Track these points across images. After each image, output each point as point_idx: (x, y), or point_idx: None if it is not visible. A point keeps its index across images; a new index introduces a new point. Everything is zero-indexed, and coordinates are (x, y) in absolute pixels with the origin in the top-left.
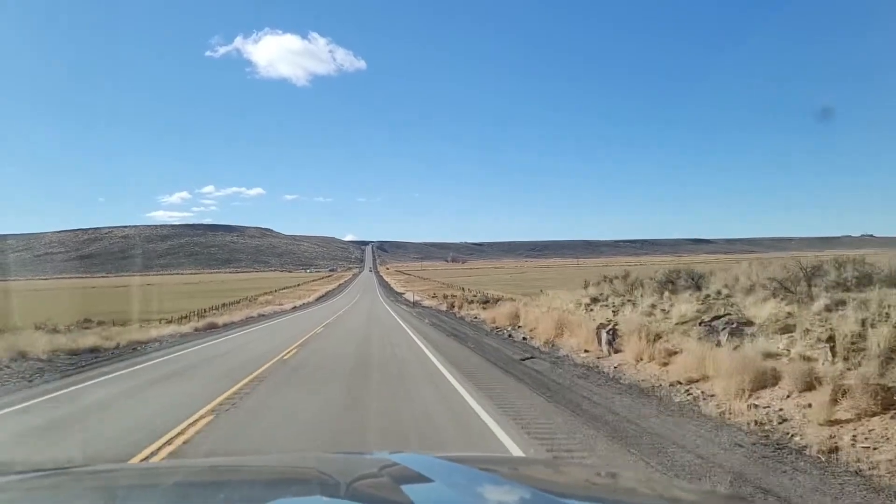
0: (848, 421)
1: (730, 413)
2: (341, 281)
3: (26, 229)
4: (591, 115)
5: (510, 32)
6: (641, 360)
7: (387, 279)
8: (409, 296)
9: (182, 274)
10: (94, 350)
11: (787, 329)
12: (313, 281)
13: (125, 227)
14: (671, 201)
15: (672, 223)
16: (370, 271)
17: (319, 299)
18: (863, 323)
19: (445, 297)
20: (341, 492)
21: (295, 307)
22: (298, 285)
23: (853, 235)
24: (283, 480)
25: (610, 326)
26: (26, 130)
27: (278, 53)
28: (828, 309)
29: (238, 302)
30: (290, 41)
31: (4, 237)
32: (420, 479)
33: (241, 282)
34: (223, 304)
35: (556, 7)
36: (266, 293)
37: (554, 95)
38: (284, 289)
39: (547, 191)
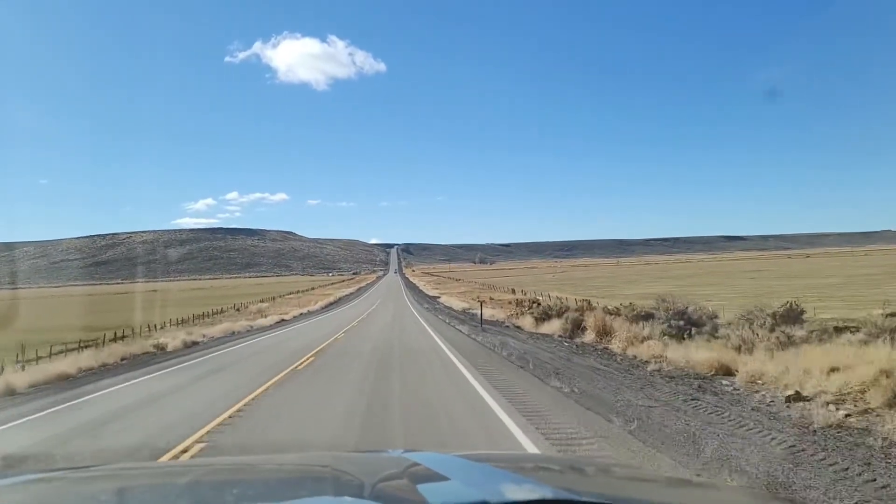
0: None
1: None
2: (362, 284)
3: (49, 237)
4: (619, 115)
5: (536, 32)
6: None
7: (414, 281)
8: (450, 301)
9: (199, 279)
10: None
11: None
12: (331, 284)
13: (143, 232)
14: (703, 198)
15: (703, 220)
16: (395, 273)
17: (328, 307)
18: None
19: (520, 304)
20: (366, 492)
21: (282, 320)
22: (312, 289)
23: (893, 230)
24: (301, 479)
25: None
26: (52, 141)
27: (297, 58)
28: None
29: (221, 312)
30: (309, 45)
31: (22, 244)
32: (441, 478)
33: (253, 286)
34: (192, 317)
35: (579, 11)
36: (264, 300)
37: (579, 95)
38: (292, 294)
39: (575, 190)
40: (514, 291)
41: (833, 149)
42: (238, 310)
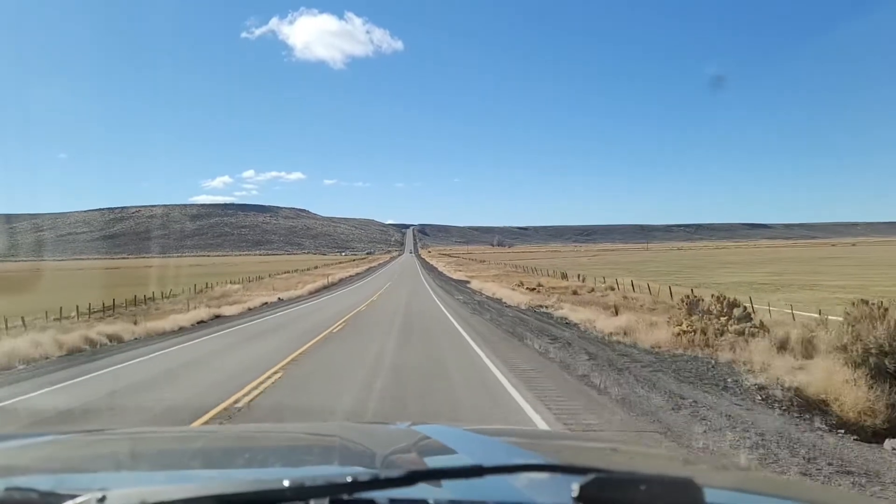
0: None
1: None
2: (373, 264)
3: (60, 210)
4: (640, 96)
5: (555, 13)
6: None
7: (431, 262)
8: (488, 288)
9: (208, 255)
10: None
11: None
12: (338, 264)
13: (153, 206)
14: (725, 184)
15: (726, 206)
16: (410, 253)
17: (316, 293)
18: None
19: (660, 304)
20: (370, 463)
21: (217, 316)
22: (315, 267)
23: None
24: (309, 447)
25: None
26: (72, 118)
27: (314, 34)
28: None
29: (171, 296)
30: (326, 21)
31: (29, 216)
32: (447, 451)
33: (256, 264)
34: (127, 302)
35: None
36: (236, 282)
37: (598, 78)
38: (286, 273)
39: (594, 174)
40: (564, 276)
41: (858, 136)
42: (201, 291)
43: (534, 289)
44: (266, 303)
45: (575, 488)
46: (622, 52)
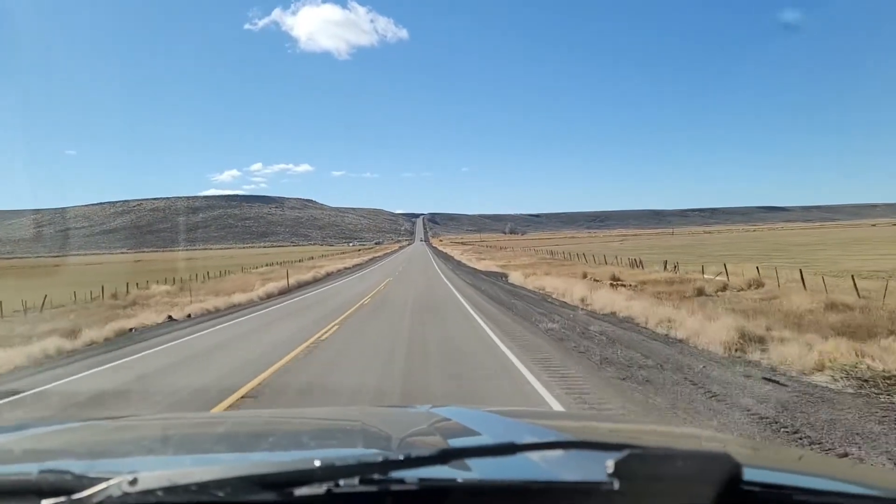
0: None
1: None
2: (378, 253)
3: (63, 205)
4: (651, 80)
5: None
6: None
7: (445, 251)
8: (579, 292)
9: (211, 248)
10: None
11: None
12: (341, 254)
13: (155, 199)
14: (739, 167)
15: (741, 190)
16: (421, 241)
17: (276, 297)
18: None
19: None
20: (394, 445)
21: None
22: (311, 258)
23: None
24: (332, 431)
25: None
26: (80, 115)
27: (318, 24)
28: None
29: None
30: (330, 11)
31: (30, 212)
32: (469, 432)
33: (249, 257)
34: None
35: None
36: (167, 282)
37: (608, 62)
38: (272, 265)
39: (606, 159)
40: (637, 264)
41: (874, 116)
42: (113, 296)
43: (622, 285)
44: (130, 329)
45: (609, 465)
46: (630, 36)
